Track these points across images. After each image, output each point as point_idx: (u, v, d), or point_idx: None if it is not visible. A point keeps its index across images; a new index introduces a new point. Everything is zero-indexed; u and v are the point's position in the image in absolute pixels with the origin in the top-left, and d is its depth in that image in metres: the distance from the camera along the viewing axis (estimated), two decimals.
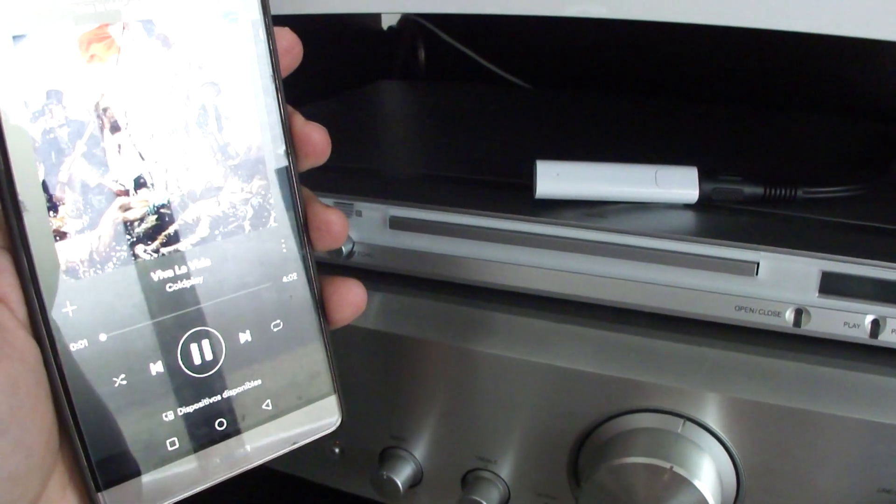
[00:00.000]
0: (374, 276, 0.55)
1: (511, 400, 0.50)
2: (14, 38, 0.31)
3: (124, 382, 0.34)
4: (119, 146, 0.34)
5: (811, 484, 0.46)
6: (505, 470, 0.53)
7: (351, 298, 0.40)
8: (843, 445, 0.44)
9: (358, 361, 0.53)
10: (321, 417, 0.40)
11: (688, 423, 0.47)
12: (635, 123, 0.77)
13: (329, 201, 0.39)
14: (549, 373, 0.49)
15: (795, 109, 0.80)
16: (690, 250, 0.48)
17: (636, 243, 0.49)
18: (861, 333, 0.46)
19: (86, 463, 0.34)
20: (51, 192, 0.32)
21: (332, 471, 0.59)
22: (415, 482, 0.55)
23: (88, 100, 0.33)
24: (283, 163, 0.38)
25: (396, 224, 0.54)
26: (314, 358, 0.40)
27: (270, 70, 0.38)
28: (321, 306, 0.40)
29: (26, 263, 0.32)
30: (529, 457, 0.52)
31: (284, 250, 0.39)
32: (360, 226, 0.54)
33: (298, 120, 0.39)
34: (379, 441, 0.56)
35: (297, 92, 0.41)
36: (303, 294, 0.39)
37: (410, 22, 1.01)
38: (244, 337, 0.38)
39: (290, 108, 0.39)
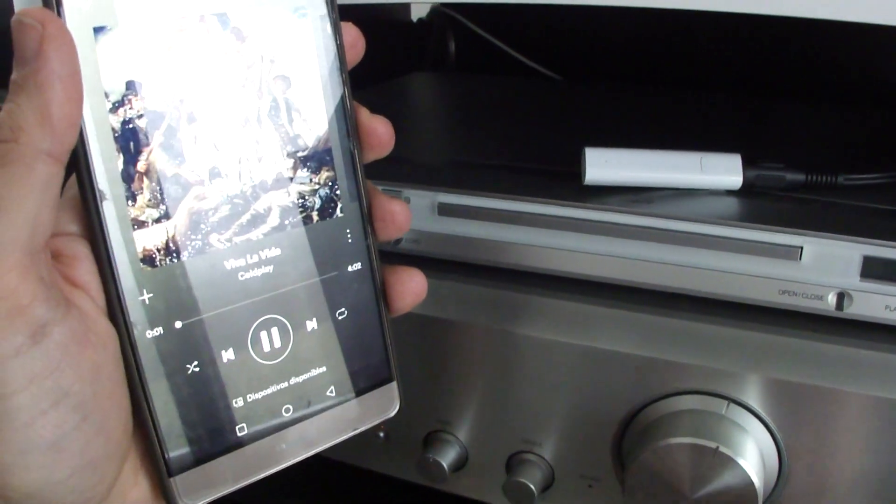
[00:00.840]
0: (421, 262, 0.55)
1: (556, 383, 0.51)
2: (95, 30, 0.32)
3: (197, 369, 0.35)
4: (195, 137, 0.34)
5: (852, 465, 0.46)
6: (549, 452, 0.53)
7: (412, 287, 0.41)
8: (885, 427, 0.45)
9: (404, 346, 0.53)
10: (381, 403, 0.41)
11: (732, 405, 0.47)
12: (671, 113, 0.78)
13: (377, 189, 0.39)
14: (594, 356, 0.49)
15: (834, 101, 0.80)
16: (735, 235, 0.48)
17: (683, 228, 0.49)
18: None
19: (158, 448, 0.34)
20: (129, 181, 0.33)
21: (378, 456, 0.60)
22: (459, 465, 0.56)
23: (166, 91, 0.34)
24: (350, 154, 0.39)
25: (445, 210, 0.54)
26: (376, 345, 0.41)
27: (338, 64, 0.38)
28: (383, 295, 0.40)
29: (104, 252, 0.33)
30: (574, 439, 0.52)
31: (350, 240, 0.39)
32: None
33: (364, 113, 0.39)
34: (424, 425, 0.56)
35: None
36: (366, 283, 0.40)
37: (440, 13, 1.01)
38: (311, 325, 0.38)
39: (355, 103, 0.39)
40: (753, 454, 0.46)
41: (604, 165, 0.52)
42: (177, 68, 0.34)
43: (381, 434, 0.58)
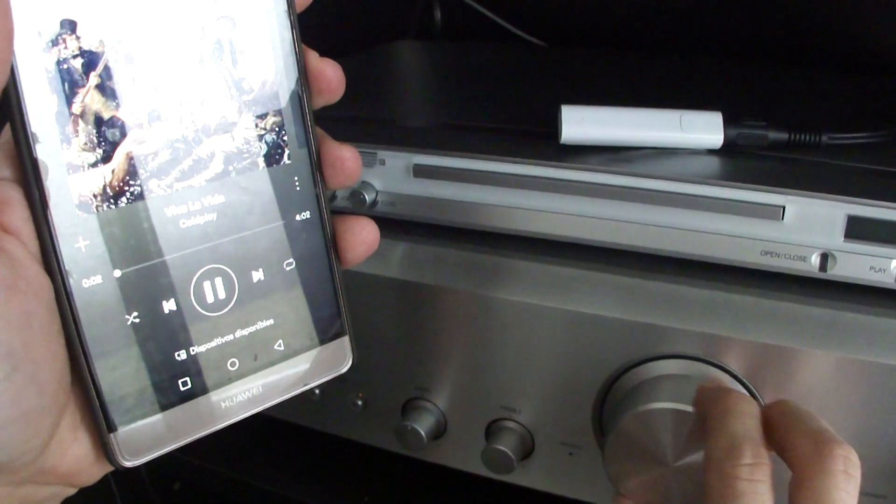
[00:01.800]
0: (397, 224, 0.55)
1: (535, 348, 0.50)
2: None
3: (137, 320, 0.34)
4: (133, 78, 0.33)
5: (837, 430, 0.45)
6: (529, 419, 0.53)
7: (363, 237, 0.40)
8: (870, 390, 0.44)
9: (381, 312, 0.53)
10: (334, 358, 0.40)
11: (713, 369, 0.47)
12: (654, 78, 0.77)
13: (326, 135, 0.38)
14: (573, 319, 0.49)
15: (818, 64, 0.79)
16: (716, 194, 0.48)
17: (662, 188, 0.49)
18: (887, 278, 0.46)
19: (97, 402, 0.34)
20: (63, 124, 0.32)
21: (355, 424, 0.59)
22: (438, 433, 0.56)
23: (103, 31, 0.33)
24: (297, 99, 0.38)
25: (420, 172, 0.54)
26: (326, 298, 0.40)
27: (285, 5, 0.37)
28: (333, 245, 0.40)
29: (38, 197, 0.32)
30: (554, 406, 0.52)
31: (298, 188, 0.38)
32: (383, 174, 0.54)
33: (313, 56, 0.38)
34: (402, 392, 0.56)
35: None
36: (316, 232, 0.39)
37: None
38: (257, 276, 0.37)
39: (303, 46, 0.38)
40: None
41: (580, 123, 0.51)
42: (115, 7, 0.33)
43: (360, 402, 0.58)
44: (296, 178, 0.38)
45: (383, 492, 0.65)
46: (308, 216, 0.39)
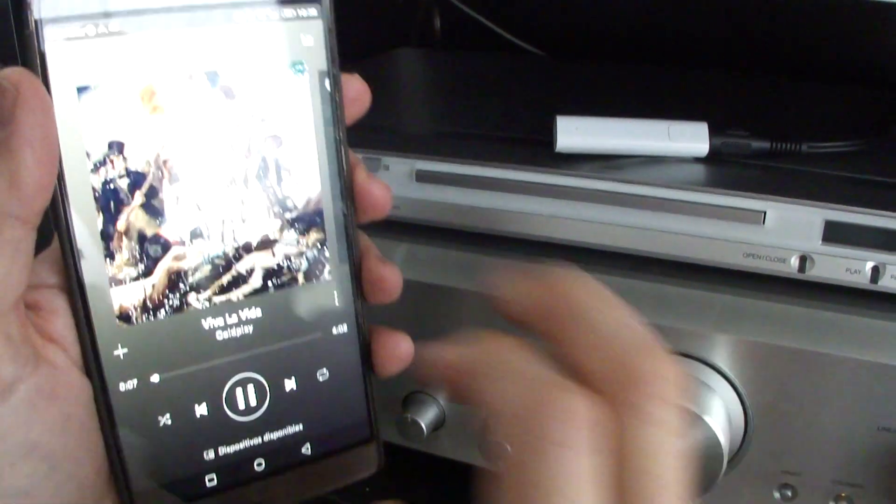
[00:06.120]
0: (400, 227, 0.56)
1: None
2: (79, 89, 0.32)
3: (169, 422, 0.35)
4: (177, 197, 0.34)
5: (815, 423, 0.47)
6: None
7: (398, 353, 0.40)
8: (846, 386, 0.46)
9: (383, 308, 0.54)
10: (360, 462, 0.40)
11: (698, 364, 0.48)
12: (645, 88, 0.78)
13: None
14: None
15: (799, 77, 0.80)
16: (701, 200, 0.49)
17: (651, 193, 0.50)
18: (862, 279, 0.47)
19: (128, 497, 0.34)
20: (108, 240, 0.33)
21: None
22: (438, 425, 0.56)
23: (149, 151, 0.33)
24: (342, 216, 0.38)
25: (423, 177, 0.55)
26: (357, 406, 0.40)
27: (334, 122, 0.37)
28: (368, 358, 0.40)
29: (81, 307, 0.33)
30: None
31: (336, 303, 0.38)
32: (387, 179, 0.54)
33: (361, 173, 0.38)
34: (403, 386, 0.57)
35: None
36: (351, 345, 0.39)
37: None
38: (289, 384, 0.38)
39: (354, 158, 0.38)
40: (720, 412, 0.47)
41: (574, 133, 0.53)
42: (162, 128, 0.34)
43: None
44: (335, 293, 0.38)
45: (383, 482, 0.66)
46: (345, 329, 0.39)
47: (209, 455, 0.36)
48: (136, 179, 0.33)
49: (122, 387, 0.34)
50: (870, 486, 0.48)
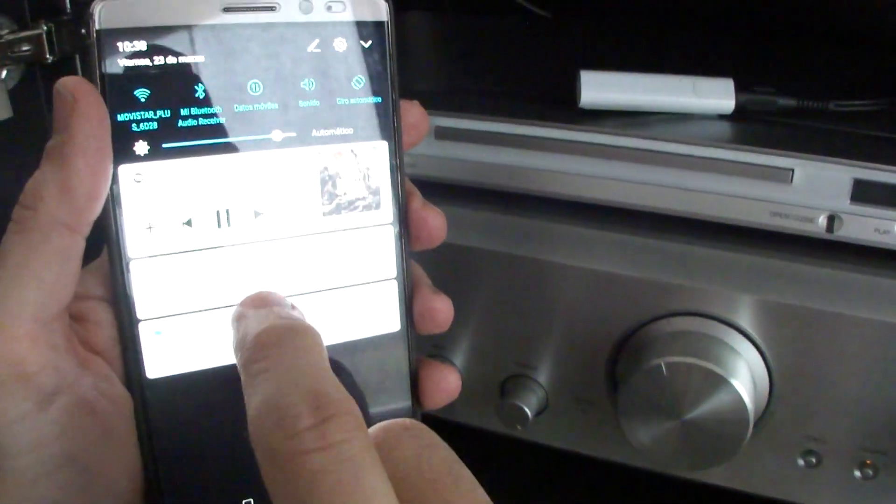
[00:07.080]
0: (418, 184, 0.55)
1: (550, 305, 0.51)
2: (136, 101, 0.32)
3: (209, 437, 0.35)
4: (238, 253, 0.34)
5: (840, 387, 0.47)
6: (543, 376, 0.54)
7: (444, 386, 0.39)
8: (871, 348, 0.46)
9: None
10: None
11: (723, 326, 0.48)
12: (663, 49, 0.78)
13: (423, 282, 0.39)
14: (588, 277, 0.50)
15: (824, 37, 0.80)
16: (728, 157, 0.49)
17: (677, 150, 0.50)
18: (891, 240, 0.47)
19: None
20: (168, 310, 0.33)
21: None
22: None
23: (206, 169, 0.33)
24: (397, 244, 0.37)
25: (442, 134, 0.54)
26: None
27: (391, 148, 0.37)
28: (415, 390, 0.39)
29: (127, 321, 0.33)
30: (568, 362, 0.53)
31: (387, 333, 0.38)
32: None
33: (416, 201, 0.38)
34: (419, 349, 0.56)
35: None
36: (400, 380, 0.39)
37: None
38: None
39: (410, 187, 0.38)
40: (745, 374, 0.47)
41: (599, 88, 0.52)
42: (222, 148, 0.33)
43: None
44: (386, 322, 0.38)
45: None
46: (397, 362, 0.38)
47: (248, 477, 0.35)
48: (195, 237, 0.33)
49: (164, 403, 0.34)
50: (894, 453, 0.47)
